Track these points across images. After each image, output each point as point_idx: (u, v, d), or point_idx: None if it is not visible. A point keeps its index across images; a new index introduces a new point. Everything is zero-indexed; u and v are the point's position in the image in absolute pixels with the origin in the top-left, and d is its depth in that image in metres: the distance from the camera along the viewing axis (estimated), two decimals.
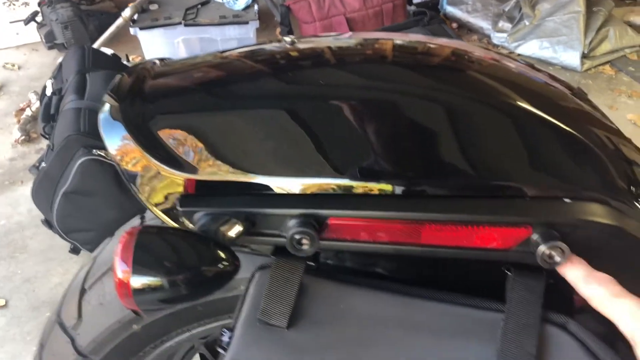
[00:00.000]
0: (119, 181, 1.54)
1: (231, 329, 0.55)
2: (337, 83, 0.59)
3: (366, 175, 0.52)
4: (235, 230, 0.53)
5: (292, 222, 0.52)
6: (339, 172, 0.52)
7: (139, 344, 0.72)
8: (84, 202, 1.55)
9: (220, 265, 0.48)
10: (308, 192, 0.53)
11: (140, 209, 1.43)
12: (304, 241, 0.51)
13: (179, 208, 0.55)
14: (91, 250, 1.62)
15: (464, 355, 0.50)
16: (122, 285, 0.45)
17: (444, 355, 0.50)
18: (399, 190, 0.52)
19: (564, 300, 0.57)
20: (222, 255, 0.48)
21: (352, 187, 0.52)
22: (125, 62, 1.98)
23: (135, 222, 0.79)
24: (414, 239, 0.53)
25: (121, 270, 0.45)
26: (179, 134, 0.55)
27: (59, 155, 1.49)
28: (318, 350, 0.52)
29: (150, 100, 0.57)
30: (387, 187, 0.52)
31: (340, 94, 0.57)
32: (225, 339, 0.54)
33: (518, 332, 0.50)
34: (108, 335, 0.70)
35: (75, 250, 1.65)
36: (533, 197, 0.52)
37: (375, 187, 0.52)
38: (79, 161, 1.47)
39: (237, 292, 0.67)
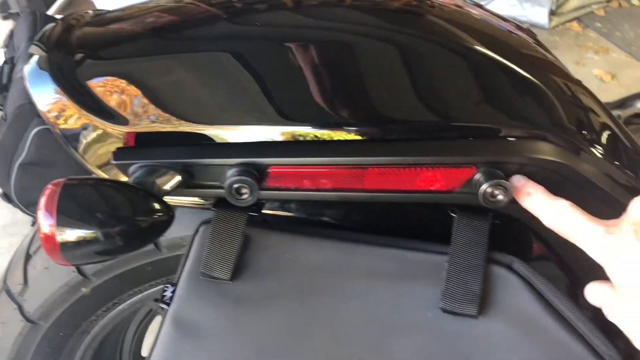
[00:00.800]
0: None
1: (174, 284, 0.54)
2: (275, 24, 0.57)
3: (307, 121, 0.50)
4: (172, 182, 0.50)
5: (231, 172, 0.50)
6: (279, 119, 0.50)
7: (89, 307, 0.71)
8: (42, 174, 1.49)
9: (153, 216, 0.46)
10: (248, 140, 0.51)
11: None
12: (244, 190, 0.50)
13: (113, 161, 0.52)
14: None
15: (410, 298, 0.50)
16: (48, 240, 0.43)
17: (389, 299, 0.50)
18: (340, 135, 0.50)
19: (512, 242, 0.56)
20: (154, 205, 0.46)
21: (292, 134, 0.50)
22: None
23: None
24: (357, 185, 0.51)
25: (47, 224, 0.43)
26: (109, 82, 0.52)
27: (12, 125, 1.43)
28: (263, 300, 0.51)
29: (78, 49, 0.54)
30: (328, 132, 0.50)
31: (278, 36, 0.54)
32: (167, 294, 0.53)
33: (463, 273, 0.49)
34: (56, 300, 0.68)
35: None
36: (477, 137, 0.51)
37: (316, 133, 0.50)
38: (34, 131, 1.41)
39: (185, 250, 0.65)
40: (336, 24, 0.57)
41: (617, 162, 0.56)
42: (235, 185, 0.49)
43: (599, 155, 0.54)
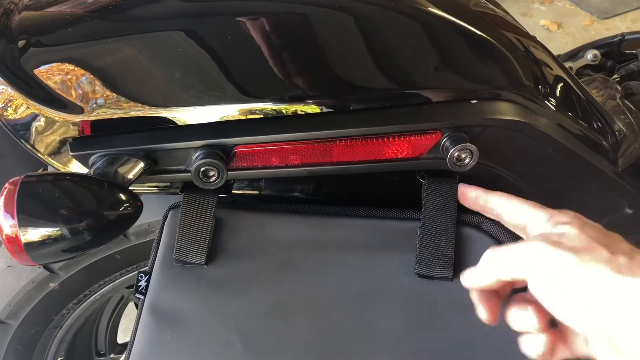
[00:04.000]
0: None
1: (147, 273, 0.53)
2: None
3: (267, 96, 0.49)
4: (135, 170, 0.49)
5: (196, 155, 0.49)
6: (239, 96, 0.49)
7: (59, 301, 0.69)
8: None
9: (120, 207, 0.44)
10: (210, 121, 0.49)
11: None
12: (211, 173, 0.49)
13: (70, 153, 0.50)
14: None
15: (385, 266, 0.50)
16: (12, 241, 0.41)
17: (366, 269, 0.50)
18: (303, 109, 0.50)
19: None
20: (121, 196, 0.45)
21: (256, 111, 0.49)
22: None
23: None
24: (326, 158, 0.51)
25: (8, 225, 0.41)
26: (57, 69, 0.49)
27: None
28: (241, 281, 0.51)
29: (20, 36, 0.51)
30: (290, 107, 0.49)
31: (230, 11, 0.52)
32: (142, 283, 0.52)
33: (435, 237, 0.50)
34: (23, 297, 0.66)
35: None
36: (439, 102, 0.51)
37: (278, 108, 0.49)
38: None
39: (154, 236, 0.64)
40: None
41: (570, 114, 0.58)
42: (202, 169, 0.48)
43: (554, 109, 0.56)
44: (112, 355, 0.89)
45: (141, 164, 0.49)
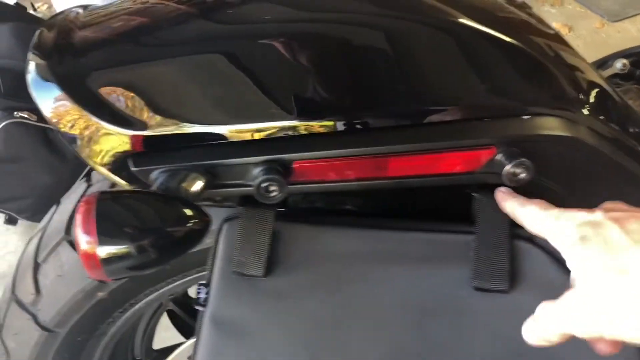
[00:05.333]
0: (48, 143, 1.45)
1: (206, 285, 0.54)
2: (279, 18, 0.56)
3: (327, 113, 0.50)
4: (197, 185, 0.50)
5: (257, 170, 0.50)
6: (298, 113, 0.50)
7: (106, 310, 0.70)
8: (12, 169, 1.45)
9: (190, 224, 0.45)
10: (268, 137, 0.51)
11: (76, 171, 1.36)
12: (272, 188, 0.50)
13: (133, 168, 0.51)
14: (30, 218, 1.54)
15: (440, 279, 0.52)
16: (89, 257, 0.42)
17: (422, 282, 0.52)
18: (360, 125, 0.51)
19: None
20: (190, 212, 0.46)
21: (313, 127, 0.50)
22: (31, 12, 1.81)
23: (81, 186, 0.74)
24: (381, 173, 0.52)
25: (85, 241, 0.42)
26: (122, 88, 0.50)
27: None
28: (299, 294, 0.52)
29: (83, 55, 0.52)
30: (348, 123, 0.51)
31: (284, 30, 0.53)
32: (202, 295, 0.53)
33: (490, 251, 0.51)
34: (72, 306, 0.67)
35: (11, 221, 1.56)
36: (492, 117, 0.52)
37: (337, 124, 0.51)
38: (1, 125, 1.36)
39: (202, 245, 0.65)
40: (325, 14, 0.56)
41: (617, 127, 0.59)
42: (264, 184, 0.49)
43: (601, 123, 0.57)
44: None
45: (202, 179, 0.50)
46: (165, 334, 0.97)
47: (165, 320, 0.94)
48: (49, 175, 1.45)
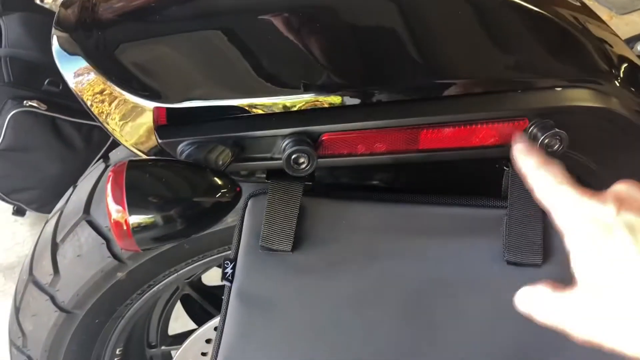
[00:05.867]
0: (58, 132, 1.43)
1: (232, 260, 0.53)
2: None
3: (356, 84, 0.49)
4: (224, 157, 0.49)
5: (286, 142, 0.49)
6: (327, 84, 0.49)
7: (125, 291, 0.69)
8: (22, 159, 1.44)
9: (220, 193, 0.45)
10: (296, 109, 0.50)
11: (85, 162, 1.34)
12: (302, 160, 0.49)
13: (158, 140, 0.50)
14: (38, 209, 1.53)
15: (473, 254, 0.51)
16: (119, 226, 0.42)
17: (454, 257, 0.51)
18: (393, 97, 0.50)
19: None
20: (221, 181, 0.45)
21: (343, 98, 0.49)
22: (38, 2, 1.80)
23: (99, 167, 0.73)
24: (412, 146, 0.51)
25: (115, 210, 0.41)
26: (152, 59, 0.49)
27: None
28: (327, 268, 0.51)
29: (109, 27, 0.51)
30: (380, 95, 0.50)
31: (317, 2, 0.52)
32: (228, 270, 0.52)
33: (522, 224, 0.50)
34: (91, 287, 0.67)
35: (19, 212, 1.55)
36: (523, 89, 0.51)
37: (367, 95, 0.50)
38: (10, 114, 1.35)
39: (223, 225, 0.64)
40: None
41: None
42: (294, 156, 0.48)
43: (632, 94, 0.56)
44: (163, 347, 0.89)
45: (229, 152, 0.50)
46: (175, 324, 0.97)
47: (174, 311, 0.94)
48: (58, 165, 1.44)
